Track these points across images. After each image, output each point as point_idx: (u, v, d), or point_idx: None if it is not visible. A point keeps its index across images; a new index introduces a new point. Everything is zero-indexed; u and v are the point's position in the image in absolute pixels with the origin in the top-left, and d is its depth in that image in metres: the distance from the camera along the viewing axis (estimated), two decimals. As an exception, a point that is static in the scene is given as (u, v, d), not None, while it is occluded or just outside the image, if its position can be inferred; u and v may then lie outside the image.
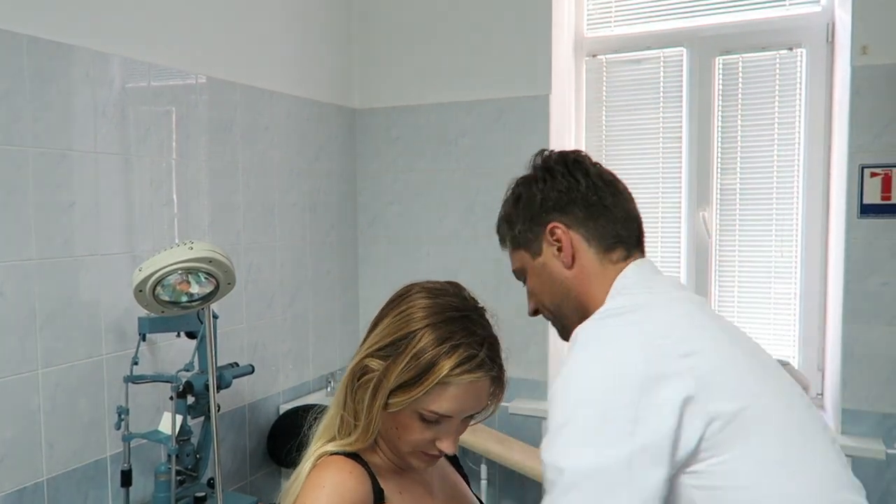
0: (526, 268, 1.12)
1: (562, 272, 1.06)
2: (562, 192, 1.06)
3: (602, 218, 1.05)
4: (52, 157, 1.76)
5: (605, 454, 0.82)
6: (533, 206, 1.08)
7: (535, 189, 1.09)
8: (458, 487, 1.14)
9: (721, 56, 2.55)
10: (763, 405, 0.88)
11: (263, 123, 2.49)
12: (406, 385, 0.92)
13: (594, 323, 0.95)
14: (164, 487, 1.83)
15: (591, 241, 1.05)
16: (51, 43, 1.75)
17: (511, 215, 1.13)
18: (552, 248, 1.06)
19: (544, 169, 1.10)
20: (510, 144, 2.69)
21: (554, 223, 1.06)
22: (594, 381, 0.87)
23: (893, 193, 2.14)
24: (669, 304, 0.98)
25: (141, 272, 1.43)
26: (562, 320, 1.10)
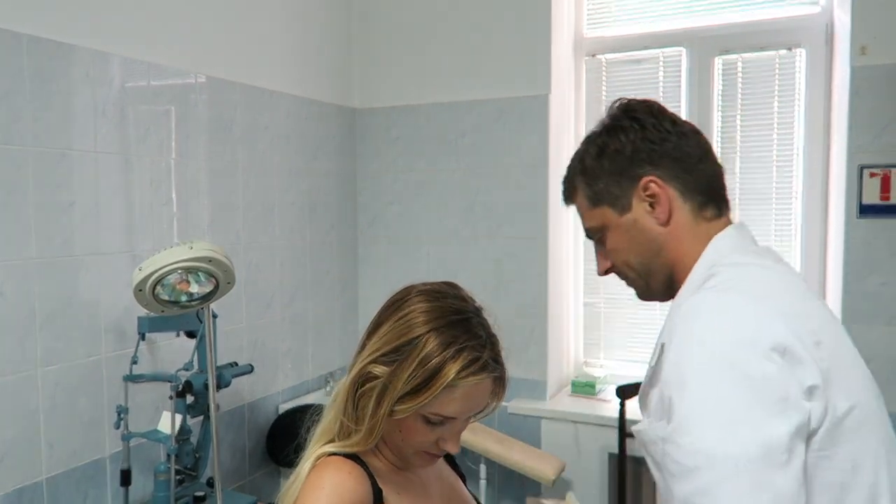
0: (608, 225, 1.03)
1: (654, 229, 0.99)
2: (654, 143, 0.99)
3: (695, 171, 0.99)
4: (51, 157, 1.76)
5: (765, 435, 0.76)
6: (621, 159, 1.00)
7: (625, 139, 1.00)
8: (454, 486, 1.15)
9: (720, 56, 2.55)
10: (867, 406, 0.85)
11: (263, 123, 2.49)
12: (413, 392, 0.92)
13: (715, 295, 0.89)
14: (163, 487, 1.83)
15: (686, 195, 0.98)
16: (51, 42, 1.75)
17: (592, 169, 1.03)
18: (644, 203, 0.99)
19: (631, 118, 1.01)
20: (510, 144, 2.69)
21: (648, 177, 0.98)
22: (731, 361, 0.80)
23: (892, 193, 2.14)
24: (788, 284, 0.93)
25: (141, 272, 1.43)
26: (647, 278, 1.04)
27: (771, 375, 0.78)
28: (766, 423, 0.76)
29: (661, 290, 1.04)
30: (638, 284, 1.06)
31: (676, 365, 0.84)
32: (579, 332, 2.87)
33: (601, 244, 1.07)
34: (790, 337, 0.80)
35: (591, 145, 1.04)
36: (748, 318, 0.83)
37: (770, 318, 0.83)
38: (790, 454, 0.76)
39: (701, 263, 0.97)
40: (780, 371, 0.78)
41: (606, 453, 2.50)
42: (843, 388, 0.82)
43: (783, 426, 0.76)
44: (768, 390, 0.78)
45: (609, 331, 2.82)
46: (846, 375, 0.84)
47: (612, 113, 1.04)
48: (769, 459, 0.75)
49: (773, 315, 0.83)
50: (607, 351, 2.83)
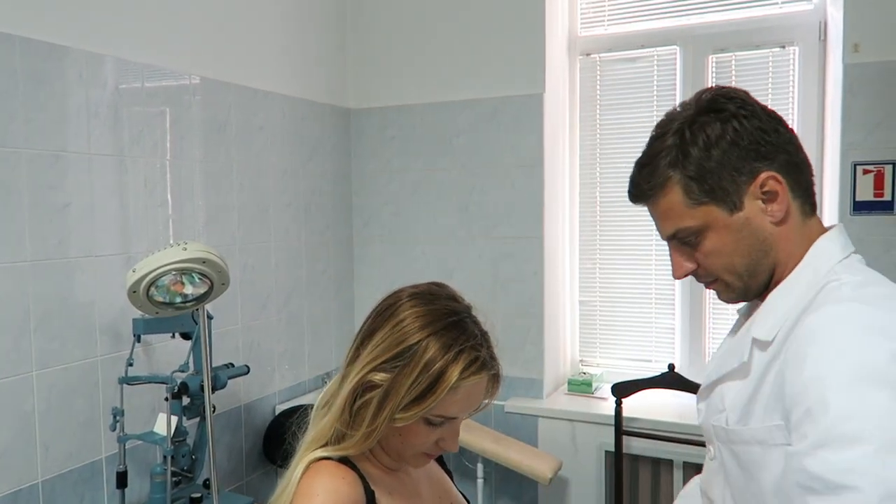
0: (711, 225, 0.93)
1: (767, 228, 0.92)
2: (768, 135, 0.91)
3: (805, 173, 0.93)
4: (45, 159, 1.76)
5: None
6: (736, 151, 0.90)
7: (740, 129, 0.91)
8: (443, 485, 1.15)
9: (714, 54, 2.55)
10: None
11: (258, 124, 2.49)
12: (418, 398, 0.92)
13: (860, 307, 0.83)
14: (159, 488, 1.83)
15: (796, 192, 0.93)
16: (44, 44, 1.74)
17: (699, 161, 0.92)
18: (757, 201, 0.91)
19: (740, 106, 0.92)
20: (505, 144, 2.69)
21: (768, 172, 0.90)
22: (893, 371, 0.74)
23: (886, 190, 2.15)
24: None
25: (135, 273, 1.43)
26: (749, 280, 0.96)
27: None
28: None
29: (760, 290, 0.98)
30: (734, 287, 0.99)
31: (820, 379, 0.78)
32: (575, 331, 2.88)
33: (688, 245, 0.98)
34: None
35: (698, 134, 0.92)
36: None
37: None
38: None
39: (808, 265, 0.92)
40: None
41: (603, 451, 2.50)
42: None
43: None
44: None
45: (605, 329, 2.82)
46: None
47: (710, 99, 0.94)
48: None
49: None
50: (603, 349, 2.83)
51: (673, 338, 2.70)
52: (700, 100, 0.96)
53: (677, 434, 2.29)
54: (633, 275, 2.75)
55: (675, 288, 2.68)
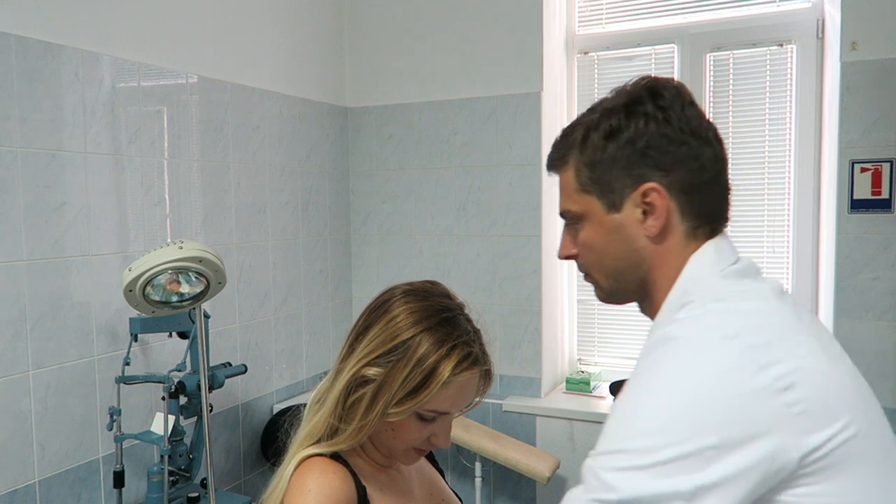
0: (588, 217, 0.90)
1: (640, 241, 0.87)
2: (672, 144, 0.84)
3: (707, 191, 0.87)
4: (41, 158, 1.76)
5: (666, 484, 0.72)
6: (630, 151, 0.85)
7: (642, 128, 0.85)
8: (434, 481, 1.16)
9: (712, 52, 2.55)
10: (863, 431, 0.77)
11: (255, 122, 2.48)
12: (411, 393, 0.93)
13: (693, 327, 0.80)
14: (156, 488, 1.83)
15: (686, 215, 0.87)
16: (39, 43, 1.74)
17: (594, 150, 0.88)
18: (637, 209, 0.86)
19: (657, 105, 0.85)
20: (502, 142, 2.69)
21: (653, 183, 0.85)
22: (676, 405, 0.75)
23: (883, 188, 2.14)
24: (765, 317, 0.81)
25: (131, 272, 1.43)
26: (616, 285, 0.93)
27: (705, 436, 0.72)
28: (676, 476, 0.72)
29: (629, 298, 0.95)
30: (602, 287, 0.95)
31: (631, 388, 0.80)
32: (573, 330, 2.88)
33: (573, 230, 0.94)
34: (749, 393, 0.73)
35: (603, 120, 0.88)
36: (708, 367, 0.76)
37: (730, 366, 0.75)
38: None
39: (676, 287, 0.88)
40: (718, 434, 0.72)
41: (601, 450, 2.50)
42: (828, 416, 0.75)
43: (691, 482, 0.72)
44: (696, 448, 0.72)
45: (603, 328, 2.82)
46: (835, 402, 0.76)
47: (635, 90, 0.88)
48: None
49: (735, 362, 0.75)
50: (601, 348, 2.83)
51: (671, 336, 2.69)
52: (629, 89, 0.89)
53: (675, 432, 2.29)
54: (630, 273, 2.74)
55: (673, 286, 2.67)
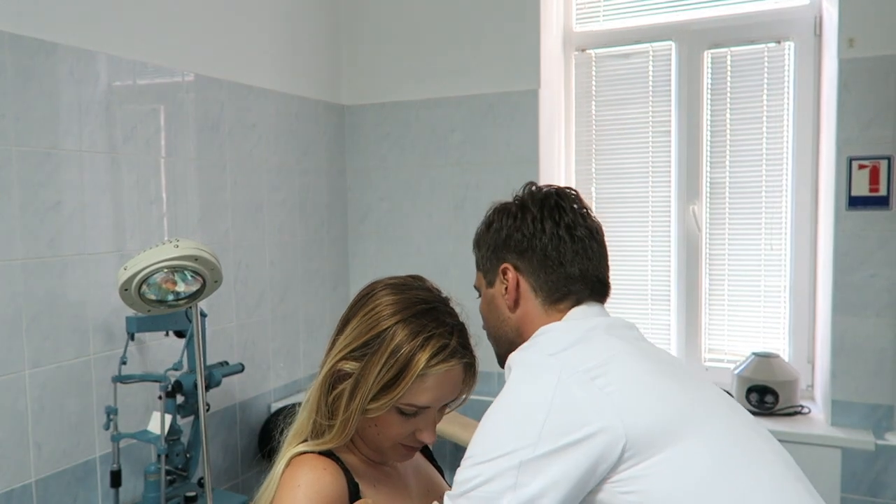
0: (480, 289, 1.16)
1: (504, 310, 1.10)
2: (525, 237, 1.08)
3: (554, 273, 1.07)
4: (36, 156, 1.75)
5: (497, 465, 0.86)
6: (497, 240, 1.11)
7: (504, 223, 1.11)
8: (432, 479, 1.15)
9: (709, 50, 2.55)
10: (685, 416, 0.91)
11: (251, 120, 2.47)
12: (386, 386, 0.92)
13: (523, 355, 1.00)
14: (153, 487, 1.82)
15: (539, 291, 1.07)
16: (34, 40, 1.73)
17: (481, 238, 1.16)
18: (502, 285, 1.09)
19: (520, 206, 1.11)
20: (500, 139, 2.69)
21: (507, 264, 1.08)
22: (510, 408, 0.92)
23: (881, 185, 2.14)
24: (587, 340, 1.00)
25: (126, 271, 1.42)
26: (497, 347, 1.15)
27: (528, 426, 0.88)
28: (503, 457, 0.87)
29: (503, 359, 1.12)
30: (494, 350, 1.16)
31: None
32: (571, 328, 2.87)
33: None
34: (563, 386, 0.89)
35: (487, 217, 1.15)
36: (533, 378, 0.93)
37: (549, 377, 0.91)
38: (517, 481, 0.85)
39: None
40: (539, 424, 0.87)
41: (599, 448, 2.49)
42: (643, 404, 0.89)
43: (514, 460, 0.86)
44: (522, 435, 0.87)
45: (601, 325, 2.81)
46: (648, 391, 0.91)
47: (520, 193, 1.14)
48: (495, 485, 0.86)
49: (550, 365, 0.92)
50: (599, 346, 2.82)
51: (669, 334, 2.69)
52: (519, 191, 1.16)
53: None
54: (628, 271, 2.74)
55: (671, 284, 2.67)
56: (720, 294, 2.61)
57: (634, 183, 2.69)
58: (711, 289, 2.62)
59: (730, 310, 2.59)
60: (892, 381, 2.16)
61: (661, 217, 2.67)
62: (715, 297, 2.62)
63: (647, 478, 0.86)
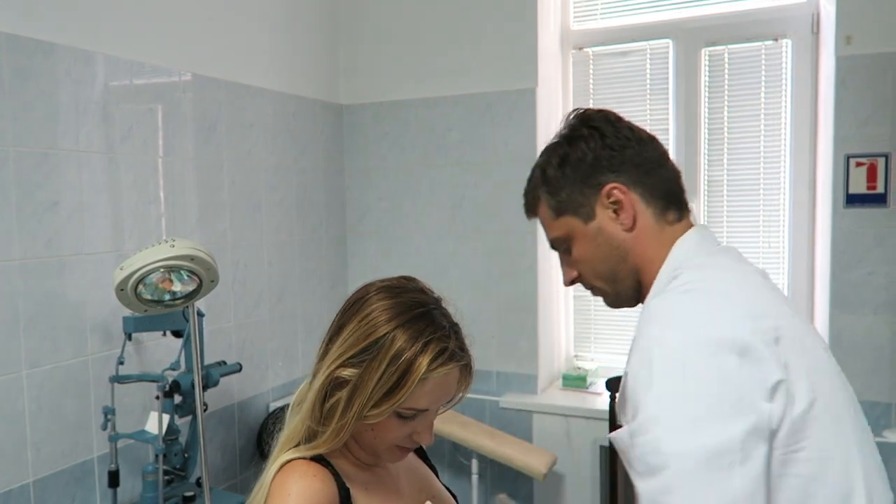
0: (573, 235, 1.05)
1: (619, 235, 1.01)
2: (614, 150, 1.01)
3: (655, 176, 1.01)
4: (33, 157, 1.75)
5: (716, 435, 0.78)
6: (583, 167, 1.02)
7: (585, 148, 1.02)
8: (426, 479, 1.14)
9: (707, 47, 2.54)
10: (830, 399, 0.86)
11: (249, 120, 2.47)
12: (388, 393, 0.91)
13: (676, 296, 0.91)
14: (151, 487, 1.82)
15: (649, 200, 1.01)
16: (31, 41, 1.73)
17: (555, 179, 1.04)
18: (607, 210, 1.01)
19: (590, 127, 1.03)
20: (498, 138, 2.69)
21: (611, 184, 1.00)
22: (690, 361, 0.82)
23: (878, 183, 2.14)
24: (748, 282, 0.95)
25: (122, 271, 1.42)
26: (615, 285, 1.06)
27: (728, 375, 0.80)
28: (721, 423, 0.78)
29: (631, 295, 1.07)
30: (606, 292, 1.08)
31: (638, 369, 0.85)
32: (570, 326, 2.87)
33: (567, 254, 1.08)
34: (749, 335, 0.82)
35: (552, 156, 1.05)
36: (707, 318, 0.86)
37: (729, 316, 0.85)
38: (745, 454, 0.77)
39: (665, 267, 0.99)
40: (738, 371, 0.80)
41: (598, 446, 2.50)
42: (802, 383, 0.83)
43: (738, 426, 0.78)
44: (724, 390, 0.80)
45: (599, 324, 2.82)
46: (807, 370, 0.85)
47: (569, 123, 1.06)
48: (722, 459, 0.77)
49: (732, 314, 0.86)
50: (597, 344, 2.83)
51: (667, 332, 2.69)
52: (565, 124, 1.08)
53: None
54: (627, 269, 2.74)
55: (670, 282, 2.67)
56: (718, 292, 2.60)
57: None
58: (710, 287, 2.62)
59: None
60: (890, 379, 2.16)
61: (659, 215, 2.67)
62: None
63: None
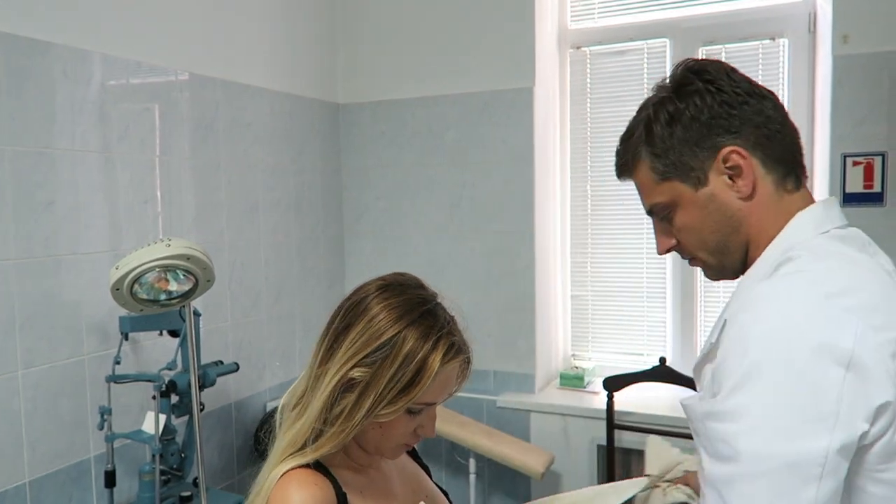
0: (678, 201, 0.94)
1: (734, 203, 0.91)
2: (733, 108, 0.89)
3: (777, 138, 0.91)
4: (30, 156, 1.74)
5: (800, 446, 0.73)
6: (697, 127, 0.90)
7: (700, 104, 0.90)
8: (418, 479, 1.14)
9: (704, 47, 2.55)
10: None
11: (246, 119, 2.47)
12: (403, 390, 0.91)
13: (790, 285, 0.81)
14: (148, 487, 1.82)
15: (768, 166, 0.90)
16: (27, 40, 1.73)
17: (662, 139, 0.93)
18: (723, 176, 0.90)
19: (705, 80, 0.91)
20: (495, 137, 2.68)
21: (729, 147, 0.89)
22: (792, 365, 0.75)
23: (875, 182, 2.14)
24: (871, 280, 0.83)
25: (118, 270, 1.42)
26: (722, 257, 0.95)
27: (829, 387, 0.74)
28: (807, 435, 0.73)
29: (737, 269, 0.96)
30: (709, 265, 0.98)
31: (738, 354, 0.78)
32: (567, 325, 2.87)
33: (666, 222, 0.98)
34: (862, 347, 0.74)
35: (660, 111, 0.93)
36: (819, 321, 0.77)
37: (844, 322, 0.76)
38: (825, 470, 0.73)
39: (778, 242, 0.89)
40: (842, 385, 0.74)
41: (595, 445, 2.50)
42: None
43: (825, 442, 0.73)
44: (821, 402, 0.74)
45: (597, 323, 2.82)
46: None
47: (679, 74, 0.94)
48: (799, 471, 0.73)
49: (847, 319, 0.76)
50: (595, 344, 2.83)
51: (664, 331, 2.70)
52: (673, 75, 0.95)
53: (669, 427, 2.29)
54: (624, 269, 2.74)
55: (667, 281, 2.67)
56: (715, 290, 2.61)
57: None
58: (706, 285, 2.62)
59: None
60: (887, 378, 2.16)
61: (656, 214, 2.67)
62: (710, 293, 2.62)
63: None
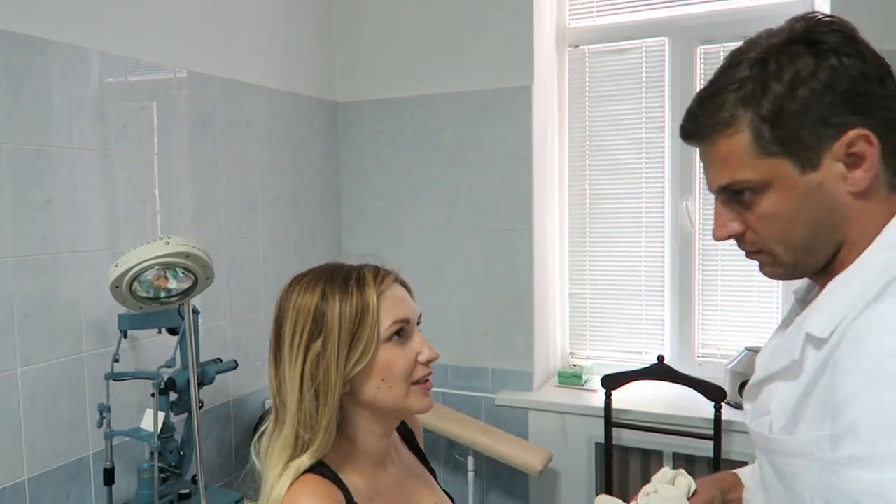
0: (774, 182, 0.76)
1: (841, 198, 0.75)
2: (871, 85, 0.72)
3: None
4: (27, 154, 1.74)
5: None
6: (830, 97, 0.72)
7: (841, 70, 0.72)
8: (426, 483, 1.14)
9: (703, 45, 2.55)
10: None
11: (244, 118, 2.47)
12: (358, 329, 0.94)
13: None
14: (147, 485, 1.82)
15: (888, 160, 0.75)
16: (24, 37, 1.72)
17: (779, 102, 0.74)
18: (838, 163, 0.74)
19: (846, 42, 0.74)
20: (494, 136, 2.69)
21: (859, 130, 0.72)
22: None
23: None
24: None
25: (117, 268, 1.42)
26: (805, 256, 0.79)
27: None
28: None
29: (815, 270, 0.82)
30: (783, 262, 0.81)
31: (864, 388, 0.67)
32: (565, 324, 2.88)
33: (740, 204, 0.80)
34: None
35: (786, 67, 0.74)
36: None
37: None
38: None
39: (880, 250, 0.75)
40: None
41: (593, 443, 2.51)
42: None
43: None
44: None
45: (595, 321, 2.82)
46: None
47: (808, 27, 0.76)
48: None
49: None
50: (593, 341, 2.84)
51: (662, 329, 2.70)
52: (793, 28, 0.78)
53: (667, 425, 2.30)
54: (622, 267, 2.75)
55: (665, 280, 2.68)
56: (713, 289, 2.61)
57: (628, 179, 2.70)
58: (704, 284, 2.63)
59: (723, 305, 2.60)
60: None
61: (654, 213, 2.67)
62: (708, 292, 2.62)
63: None
